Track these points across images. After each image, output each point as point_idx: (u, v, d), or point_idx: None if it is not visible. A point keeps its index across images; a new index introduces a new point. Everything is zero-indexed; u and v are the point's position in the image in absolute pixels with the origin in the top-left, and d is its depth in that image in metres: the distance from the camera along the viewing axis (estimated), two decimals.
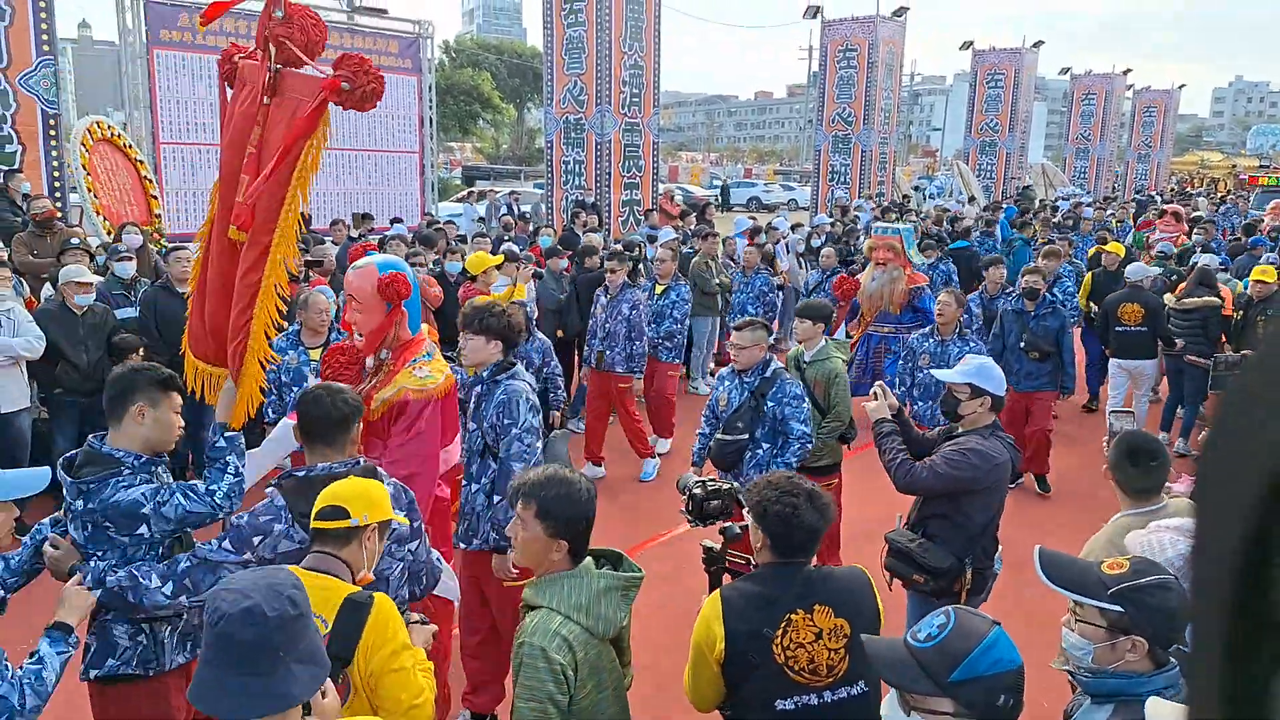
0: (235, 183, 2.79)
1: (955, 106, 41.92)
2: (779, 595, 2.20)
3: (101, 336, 5.80)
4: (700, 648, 2.24)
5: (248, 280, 2.73)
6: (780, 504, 2.21)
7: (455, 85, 35.08)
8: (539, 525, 2.09)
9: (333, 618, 2.04)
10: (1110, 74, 30.42)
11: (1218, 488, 0.40)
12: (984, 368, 3.50)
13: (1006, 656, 1.70)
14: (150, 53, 11.16)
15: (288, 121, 2.66)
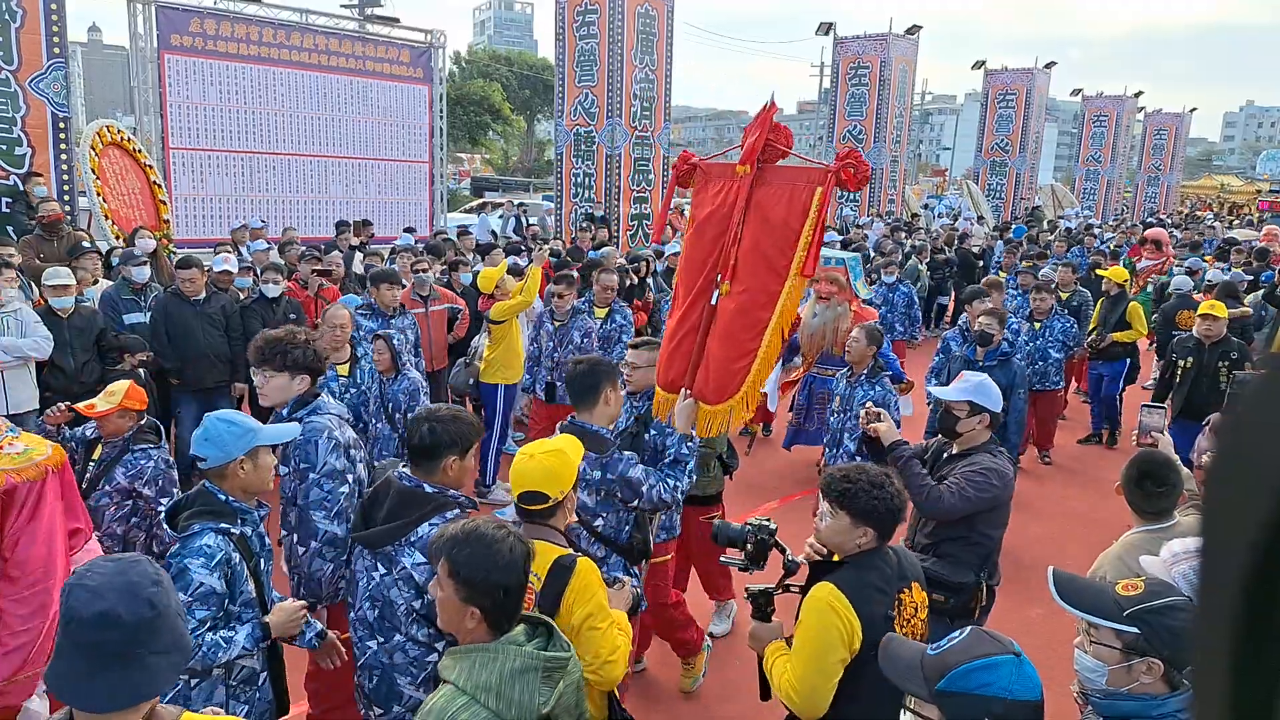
0: (711, 250, 3.57)
1: (965, 126, 41.94)
2: (889, 576, 2.34)
3: (88, 339, 5.71)
4: (831, 644, 2.24)
5: (751, 318, 3.40)
6: (878, 495, 2.34)
7: (466, 96, 35.18)
8: (451, 587, 1.89)
9: (545, 576, 2.32)
10: (1121, 96, 30.39)
11: (1225, 504, 0.41)
12: (982, 385, 3.41)
13: (1005, 683, 1.67)
14: (161, 57, 11.14)
15: (786, 201, 3.40)
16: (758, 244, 3.41)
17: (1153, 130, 33.56)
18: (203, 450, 2.61)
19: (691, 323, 3.59)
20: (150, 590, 1.52)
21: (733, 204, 3.51)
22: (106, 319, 6.12)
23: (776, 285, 3.36)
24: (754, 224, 3.43)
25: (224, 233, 10.85)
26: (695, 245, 3.66)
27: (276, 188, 12.53)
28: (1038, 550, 5.79)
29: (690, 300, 3.60)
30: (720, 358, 3.42)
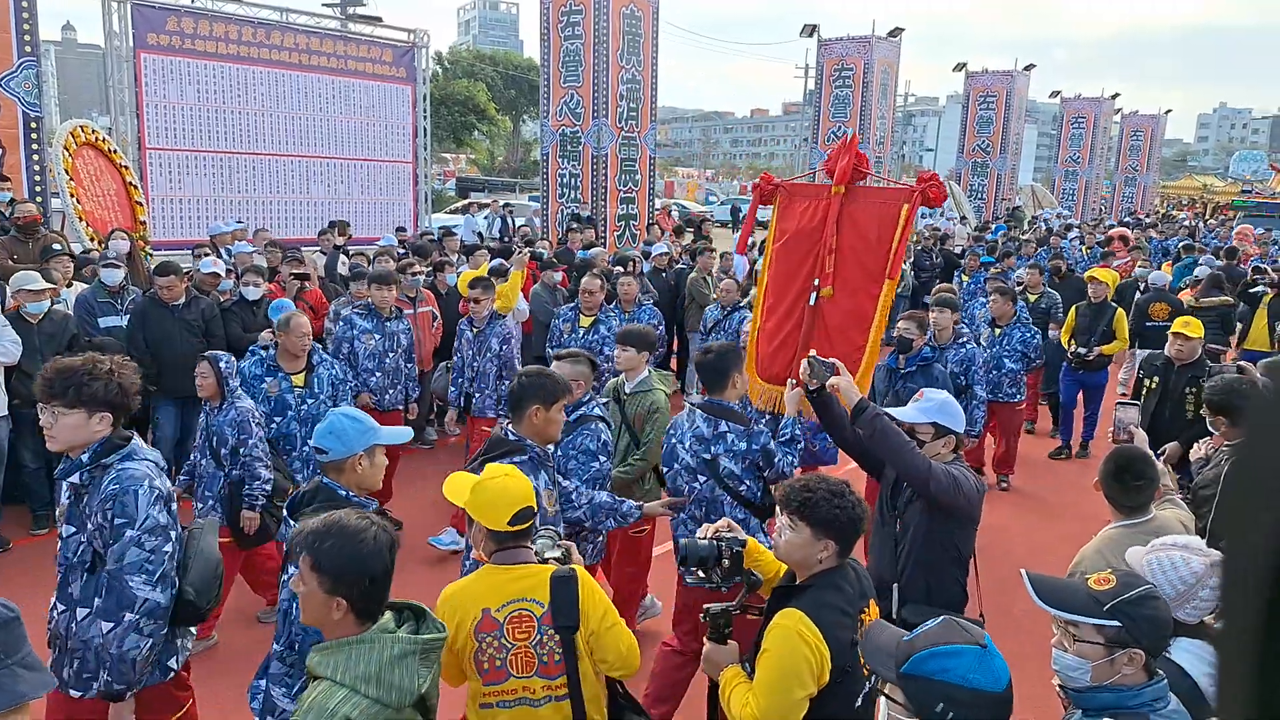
0: (804, 259, 4.10)
1: (948, 127, 42.23)
2: (852, 596, 2.28)
3: (59, 345, 5.57)
4: (800, 677, 2.15)
5: (858, 315, 3.95)
6: (839, 504, 2.25)
7: (450, 96, 34.94)
8: (314, 580, 1.91)
9: (547, 597, 2.29)
10: (1099, 98, 30.72)
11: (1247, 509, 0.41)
12: (946, 405, 3.20)
13: (963, 672, 1.68)
14: (137, 56, 10.93)
15: (877, 215, 3.94)
16: (854, 253, 4.00)
17: (1129, 131, 33.98)
18: (326, 443, 2.70)
19: (794, 322, 4.15)
20: None
21: (823, 219, 4.08)
22: (81, 323, 5.98)
23: (875, 288, 3.98)
24: (848, 235, 4.02)
25: (202, 234, 10.66)
26: (787, 256, 4.22)
27: (256, 189, 12.34)
28: (1020, 550, 5.78)
29: (789, 303, 4.17)
30: (834, 350, 3.84)
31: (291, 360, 4.85)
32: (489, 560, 2.38)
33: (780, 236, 4.28)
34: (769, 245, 4.44)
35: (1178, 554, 2.27)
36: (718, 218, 29.90)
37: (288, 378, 4.81)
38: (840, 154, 4.11)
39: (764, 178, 4.47)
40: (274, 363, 4.84)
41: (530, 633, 2.29)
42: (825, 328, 4.05)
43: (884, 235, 3.94)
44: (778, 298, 4.24)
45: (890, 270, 3.93)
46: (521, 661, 2.30)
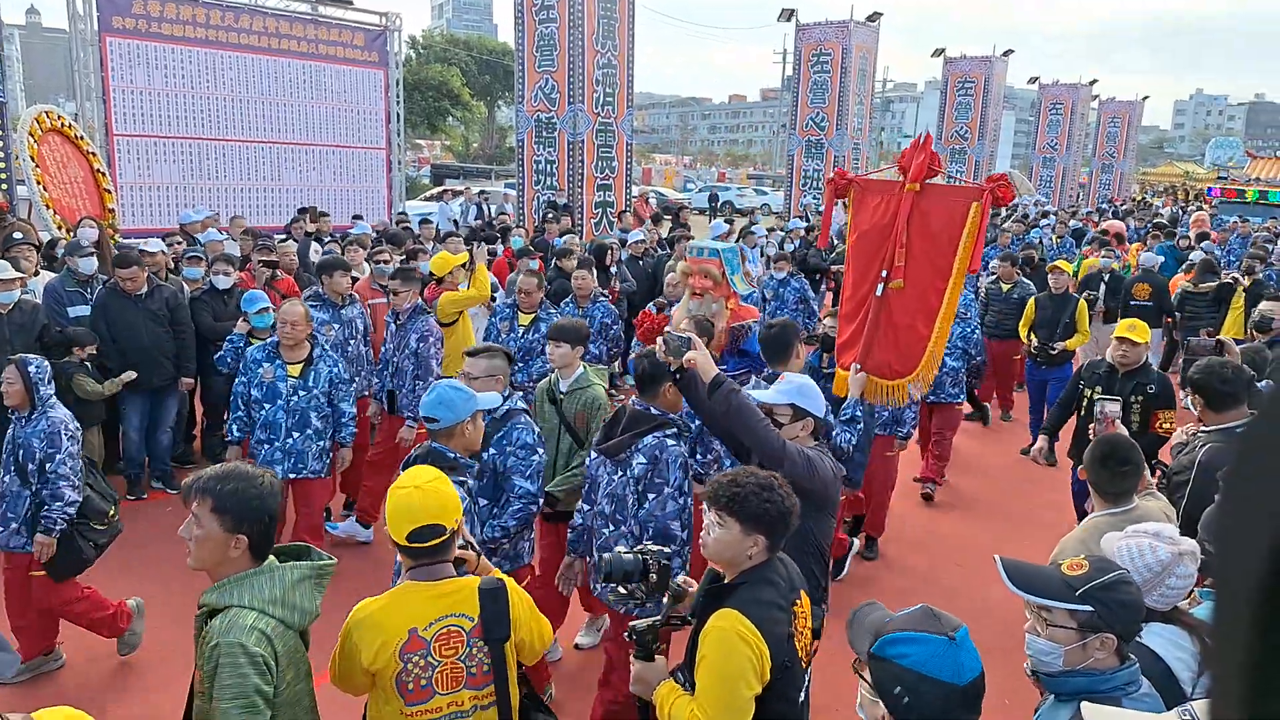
0: (876, 252, 4.27)
1: (926, 114, 42.42)
2: (783, 589, 2.23)
3: (30, 335, 5.47)
4: (745, 677, 2.08)
5: (925, 306, 4.17)
6: (769, 498, 2.20)
7: (424, 81, 34.53)
8: (215, 521, 2.06)
9: (476, 611, 2.28)
10: (1076, 84, 30.95)
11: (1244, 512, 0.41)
12: (804, 387, 3.16)
13: (923, 659, 1.68)
14: (103, 41, 10.72)
15: (946, 212, 4.14)
16: (923, 247, 4.19)
17: (1106, 118, 34.27)
18: (437, 412, 3.02)
19: (864, 311, 4.36)
20: None
21: (894, 214, 4.25)
22: (50, 312, 5.89)
23: (942, 282, 4.17)
24: (918, 230, 4.20)
25: (172, 222, 10.50)
26: (861, 248, 4.44)
27: (227, 175, 12.17)
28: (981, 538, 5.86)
29: (863, 294, 4.37)
30: (899, 340, 4.21)
31: (290, 350, 4.81)
32: (406, 576, 2.30)
33: (854, 230, 4.53)
34: (847, 239, 4.73)
35: (1146, 541, 2.29)
36: (696, 205, 29.89)
37: (284, 366, 4.78)
38: (914, 152, 4.32)
39: (838, 173, 4.66)
40: (275, 350, 4.82)
41: (459, 648, 2.25)
42: (892, 318, 4.28)
43: (953, 232, 4.15)
44: (854, 288, 4.47)
45: (971, 264, 4.19)
46: (448, 678, 2.25)
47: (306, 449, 4.77)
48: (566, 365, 4.19)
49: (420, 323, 5.57)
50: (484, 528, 3.37)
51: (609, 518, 3.30)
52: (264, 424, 4.75)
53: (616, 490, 3.28)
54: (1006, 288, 8.39)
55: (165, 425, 6.21)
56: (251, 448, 4.86)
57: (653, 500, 3.21)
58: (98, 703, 3.85)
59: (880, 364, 4.26)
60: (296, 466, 4.75)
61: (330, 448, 4.93)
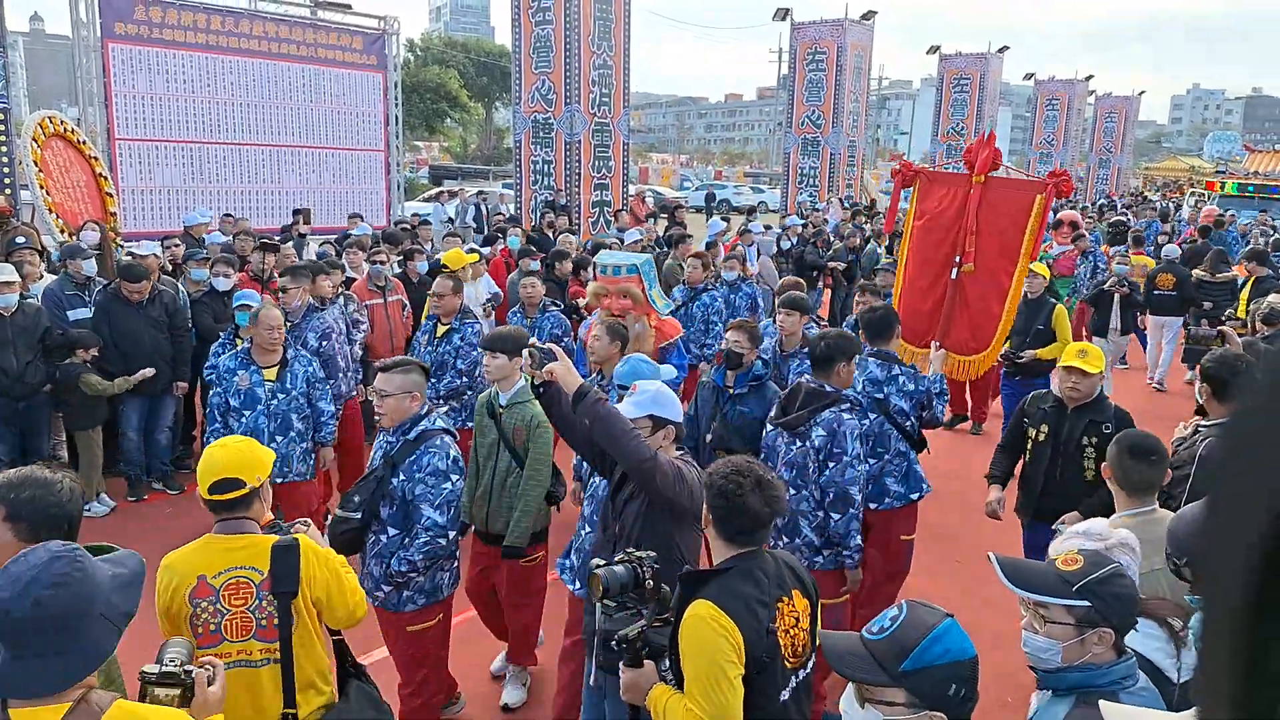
0: (944, 238, 4.75)
1: (922, 111, 42.45)
2: (765, 586, 2.19)
3: (32, 338, 5.58)
4: (726, 657, 2.08)
5: (996, 287, 4.63)
6: (727, 481, 2.21)
7: (422, 83, 34.65)
8: (9, 530, 1.97)
9: (267, 565, 2.40)
10: (1073, 80, 31.06)
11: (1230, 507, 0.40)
12: (659, 396, 2.94)
13: (957, 646, 1.71)
14: (105, 46, 10.83)
15: (1013, 202, 4.56)
16: (992, 234, 4.63)
17: (1103, 113, 34.36)
18: (630, 382, 3.47)
19: (936, 296, 4.80)
20: (44, 591, 1.56)
21: (962, 203, 4.71)
22: (50, 315, 5.98)
23: (1011, 265, 4.62)
24: (987, 218, 4.64)
25: (174, 225, 10.62)
26: (928, 235, 4.86)
27: (227, 178, 12.28)
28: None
29: (932, 277, 4.82)
30: (973, 319, 4.65)
31: (264, 354, 4.73)
32: (212, 530, 2.49)
33: (920, 216, 4.94)
34: (909, 224, 5.12)
35: (1075, 541, 2.33)
36: (693, 203, 29.97)
37: (259, 371, 4.72)
38: (980, 148, 4.76)
39: (904, 164, 5.16)
40: (248, 356, 4.76)
41: (248, 599, 2.40)
42: (965, 298, 4.76)
43: (1018, 220, 4.60)
44: (918, 270, 4.93)
45: (1031, 251, 4.66)
46: (238, 626, 2.41)
47: (291, 452, 4.72)
48: (504, 378, 3.87)
49: (317, 321, 5.42)
50: (392, 560, 3.23)
51: (788, 484, 3.55)
52: (245, 431, 4.62)
53: (796, 459, 3.61)
54: (862, 310, 7.25)
55: (163, 427, 6.32)
56: None
57: (833, 468, 3.54)
58: None
59: (958, 341, 4.78)
60: (283, 471, 4.67)
61: (314, 449, 4.89)
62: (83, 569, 1.62)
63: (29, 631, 1.55)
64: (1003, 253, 4.66)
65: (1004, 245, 4.65)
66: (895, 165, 5.52)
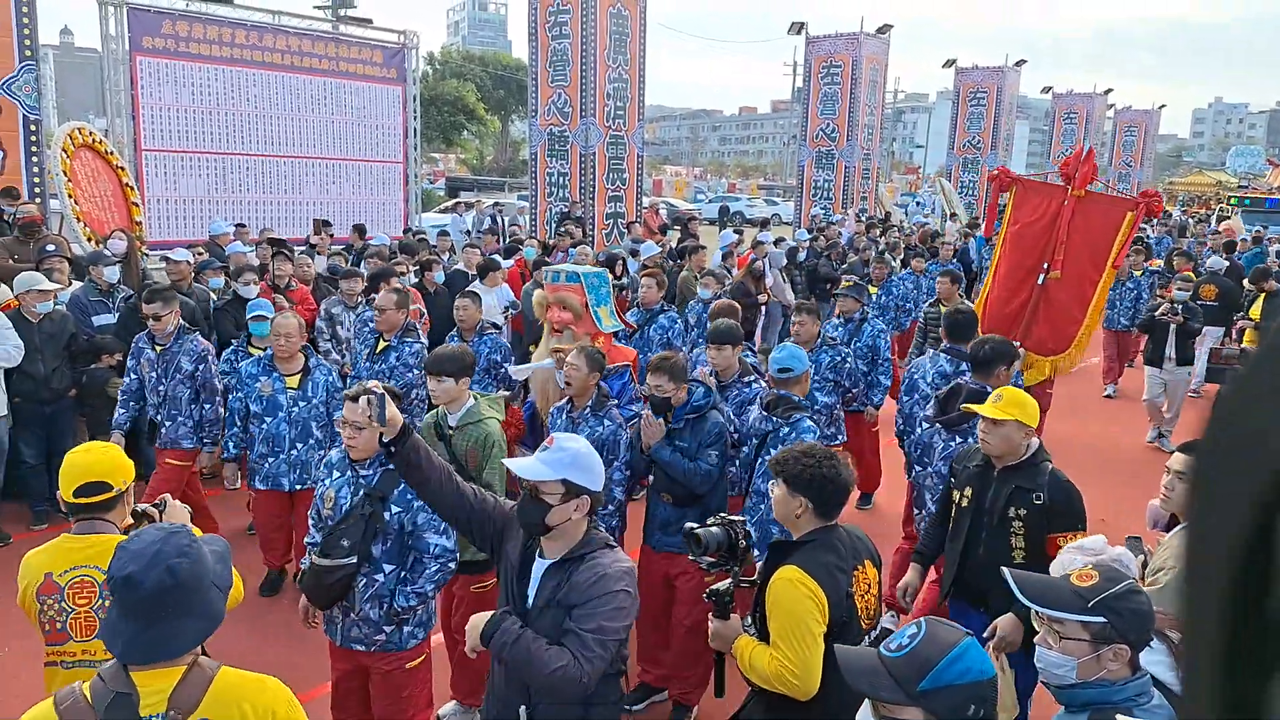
0: (1035, 245, 5.10)
1: (938, 124, 42.43)
2: (844, 555, 2.40)
3: (59, 345, 5.72)
4: (811, 615, 2.28)
5: (1080, 294, 5.00)
6: (822, 468, 2.42)
7: (439, 96, 35.07)
8: None
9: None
10: (1092, 93, 30.93)
11: (1215, 486, 0.39)
12: (580, 458, 2.33)
13: (976, 667, 1.70)
14: (133, 59, 11.10)
15: (1104, 216, 4.96)
16: (1082, 244, 5.01)
17: (1123, 127, 34.17)
18: (790, 363, 4.11)
19: (1022, 298, 5.17)
20: (174, 560, 1.70)
21: (1056, 214, 5.09)
22: (76, 321, 6.11)
23: (1096, 275, 5.03)
24: (1079, 230, 5.03)
25: (198, 234, 10.84)
26: (1020, 241, 5.24)
27: (250, 189, 12.52)
28: None
29: (1019, 280, 5.18)
30: (1055, 322, 5.02)
31: (286, 362, 4.77)
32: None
33: (1015, 223, 5.31)
34: (1004, 229, 5.49)
35: (1069, 555, 2.39)
36: (706, 216, 30.11)
37: (281, 379, 4.77)
38: (1075, 163, 5.15)
39: (1002, 171, 5.61)
40: (270, 363, 4.80)
41: (92, 598, 2.40)
42: (1050, 303, 5.14)
43: (1109, 234, 4.99)
44: (1009, 272, 5.28)
45: (1115, 261, 5.06)
46: (82, 625, 2.39)
47: (310, 459, 4.76)
48: (453, 400, 3.71)
49: (192, 344, 5.18)
50: (394, 597, 3.08)
51: (943, 477, 3.85)
52: (266, 438, 4.72)
53: (955, 453, 3.89)
54: (947, 310, 6.65)
55: None
56: (251, 462, 4.84)
57: None
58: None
59: (1038, 341, 5.13)
60: (302, 478, 4.75)
61: None
62: (196, 542, 1.78)
63: (163, 599, 1.68)
64: (1092, 263, 5.07)
65: (1093, 256, 5.05)
66: (994, 172, 5.96)
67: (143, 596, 1.67)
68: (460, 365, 3.69)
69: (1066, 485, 3.19)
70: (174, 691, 1.69)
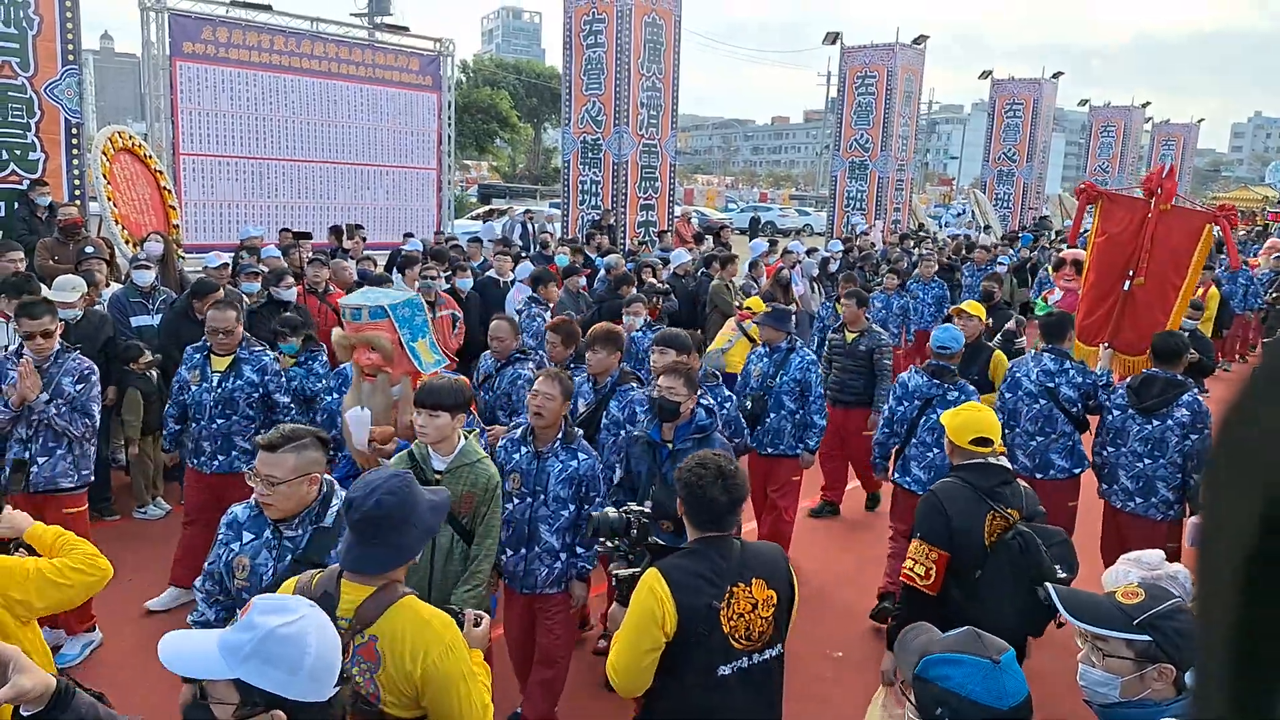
0: (1121, 253, 5.54)
1: (973, 135, 41.98)
2: (722, 569, 2.36)
3: (94, 347, 5.74)
4: (645, 625, 2.29)
5: (1163, 299, 5.42)
6: (691, 474, 2.38)
7: (473, 104, 35.39)
8: None
9: None
10: (1129, 107, 30.43)
11: (1226, 496, 0.40)
12: (264, 644, 1.53)
13: (961, 681, 1.66)
14: (173, 64, 11.24)
15: (1185, 228, 5.40)
16: (1164, 254, 5.40)
17: (1160, 141, 33.58)
18: (948, 342, 4.89)
19: (1109, 303, 5.56)
20: (384, 495, 2.04)
21: (1140, 225, 5.47)
22: (115, 321, 6.16)
23: (1179, 280, 5.39)
24: (1162, 240, 5.41)
25: (233, 237, 10.91)
26: (1107, 250, 5.63)
27: (285, 193, 12.61)
28: None
29: (1107, 287, 5.59)
30: (1140, 325, 5.40)
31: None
32: None
33: (1102, 234, 5.71)
34: (1091, 239, 5.88)
35: (1122, 568, 2.32)
36: (737, 225, 30.00)
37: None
38: (1158, 178, 5.56)
39: (1088, 185, 6.02)
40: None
41: None
42: (1135, 306, 5.52)
43: (1190, 244, 5.36)
44: (1099, 278, 5.67)
45: (1198, 269, 5.45)
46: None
47: None
48: (444, 439, 3.22)
49: (73, 362, 4.32)
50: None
51: (1140, 456, 4.56)
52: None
53: (1153, 435, 4.53)
54: (851, 336, 6.16)
55: None
56: None
57: (1194, 439, 4.43)
58: None
59: (1127, 342, 5.51)
60: None
61: None
62: (410, 486, 2.13)
63: (370, 523, 2.03)
64: (1174, 269, 5.42)
65: (1176, 263, 5.41)
66: (1080, 186, 6.25)
67: (355, 519, 2.04)
68: (457, 399, 3.23)
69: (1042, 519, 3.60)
70: (361, 604, 2.02)
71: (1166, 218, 5.46)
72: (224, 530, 2.69)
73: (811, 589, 5.16)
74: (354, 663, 1.96)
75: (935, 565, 3.03)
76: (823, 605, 5.11)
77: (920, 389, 4.93)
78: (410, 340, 3.84)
